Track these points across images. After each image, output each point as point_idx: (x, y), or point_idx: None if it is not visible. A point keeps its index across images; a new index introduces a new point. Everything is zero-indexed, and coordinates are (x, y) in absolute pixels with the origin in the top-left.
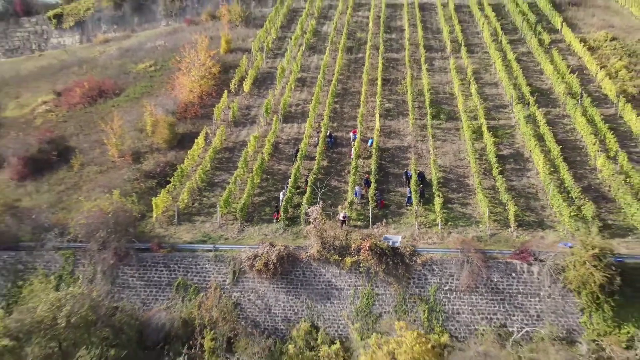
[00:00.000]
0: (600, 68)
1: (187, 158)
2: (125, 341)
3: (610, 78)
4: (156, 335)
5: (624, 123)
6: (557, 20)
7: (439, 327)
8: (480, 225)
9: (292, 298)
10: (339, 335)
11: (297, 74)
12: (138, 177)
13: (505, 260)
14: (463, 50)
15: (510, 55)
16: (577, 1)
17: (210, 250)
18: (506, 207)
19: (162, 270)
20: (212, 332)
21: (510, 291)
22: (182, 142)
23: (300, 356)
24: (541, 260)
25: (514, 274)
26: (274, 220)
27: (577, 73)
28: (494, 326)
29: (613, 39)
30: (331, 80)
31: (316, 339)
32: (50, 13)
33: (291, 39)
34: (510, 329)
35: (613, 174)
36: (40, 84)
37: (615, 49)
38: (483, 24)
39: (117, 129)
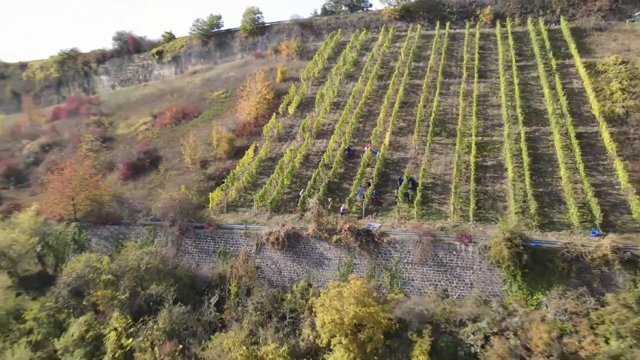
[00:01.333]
0: (599, 90)
1: (239, 165)
2: (182, 285)
3: (605, 99)
4: (202, 284)
5: (602, 140)
6: (572, 46)
7: (398, 289)
8: (448, 219)
9: (295, 264)
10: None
11: (332, 98)
12: (203, 178)
13: (449, 242)
14: (475, 76)
15: (516, 80)
16: (602, 26)
17: (242, 229)
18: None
19: (210, 242)
20: (236, 282)
21: (451, 265)
22: (239, 153)
23: (293, 301)
24: (474, 242)
25: (454, 252)
26: (294, 211)
27: (577, 95)
28: (438, 290)
29: (622, 62)
30: (359, 104)
31: (309, 293)
32: (154, 50)
33: (333, 69)
34: (449, 293)
35: (565, 182)
36: (143, 109)
37: (620, 72)
38: (501, 52)
39: (191, 143)
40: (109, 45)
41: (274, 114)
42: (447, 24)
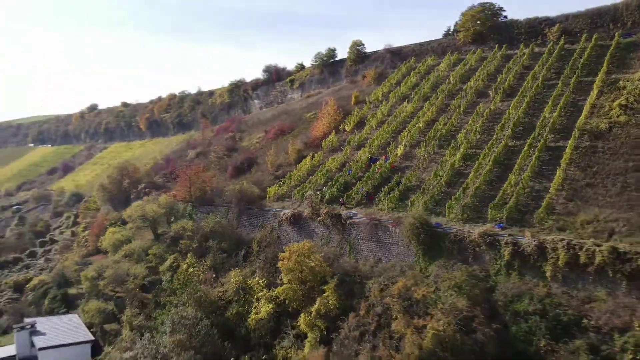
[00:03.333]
0: (600, 107)
1: (296, 169)
2: (230, 243)
3: (600, 115)
4: (242, 244)
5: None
6: (606, 62)
7: (353, 256)
8: (407, 210)
9: (297, 235)
10: None
11: (380, 118)
12: (272, 177)
13: (386, 225)
14: (498, 95)
15: (528, 99)
16: None
17: (273, 211)
18: (438, 203)
19: (255, 219)
20: (257, 244)
21: (385, 241)
22: (302, 160)
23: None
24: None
25: (388, 232)
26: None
27: (578, 111)
28: (375, 258)
29: None
30: (399, 122)
31: None
32: (288, 79)
33: (393, 92)
34: (382, 260)
35: (507, 185)
36: (265, 126)
37: (636, 88)
38: (538, 70)
39: (272, 153)
40: (261, 75)
41: (334, 131)
42: (497, 46)
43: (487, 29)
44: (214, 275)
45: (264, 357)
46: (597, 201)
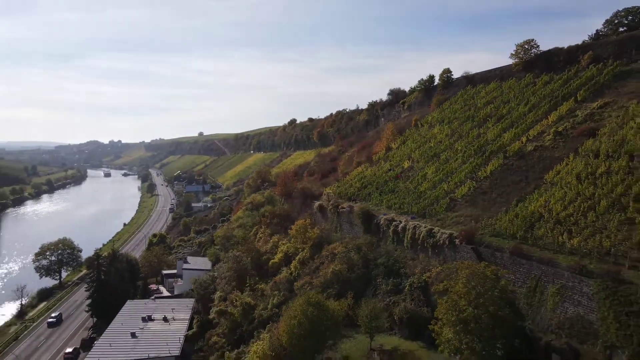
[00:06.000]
0: (541, 132)
1: (349, 175)
2: (287, 223)
3: (535, 140)
4: (291, 223)
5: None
6: (581, 92)
7: (339, 233)
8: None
9: (323, 219)
10: None
11: (420, 138)
12: (334, 180)
13: (357, 213)
14: (493, 119)
15: (502, 124)
16: None
17: (318, 202)
18: (402, 201)
19: (308, 207)
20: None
21: (356, 224)
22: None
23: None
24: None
25: (359, 218)
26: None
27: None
28: (351, 234)
29: (602, 106)
30: (420, 142)
31: None
32: (401, 101)
33: (439, 116)
34: (349, 234)
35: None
36: (363, 142)
37: (580, 116)
38: (542, 96)
39: (342, 163)
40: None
41: (384, 148)
42: (531, 74)
43: (533, 59)
44: (268, 238)
45: (270, 279)
46: (478, 204)
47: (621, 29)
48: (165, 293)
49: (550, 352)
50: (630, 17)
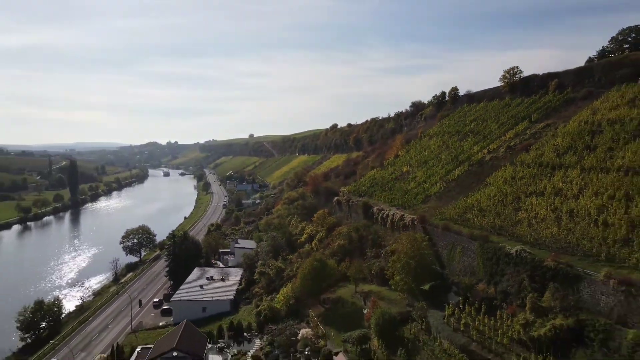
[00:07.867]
0: (499, 146)
1: (364, 176)
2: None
3: (496, 151)
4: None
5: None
6: (537, 112)
7: (349, 219)
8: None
9: (340, 211)
10: None
11: (420, 148)
12: (352, 181)
13: (361, 205)
14: (471, 136)
15: (474, 137)
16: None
17: (338, 197)
18: (394, 196)
19: (329, 202)
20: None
21: (360, 212)
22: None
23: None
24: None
25: (363, 207)
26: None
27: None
28: (352, 220)
29: (547, 126)
30: (418, 150)
31: None
32: (420, 112)
33: (439, 129)
34: (357, 219)
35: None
36: (383, 149)
37: (525, 134)
38: (507, 117)
39: (360, 167)
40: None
41: (393, 155)
42: (509, 97)
43: (516, 83)
44: (298, 224)
45: (296, 253)
46: (443, 199)
47: (625, 46)
48: (222, 266)
49: (453, 285)
50: (633, 35)
